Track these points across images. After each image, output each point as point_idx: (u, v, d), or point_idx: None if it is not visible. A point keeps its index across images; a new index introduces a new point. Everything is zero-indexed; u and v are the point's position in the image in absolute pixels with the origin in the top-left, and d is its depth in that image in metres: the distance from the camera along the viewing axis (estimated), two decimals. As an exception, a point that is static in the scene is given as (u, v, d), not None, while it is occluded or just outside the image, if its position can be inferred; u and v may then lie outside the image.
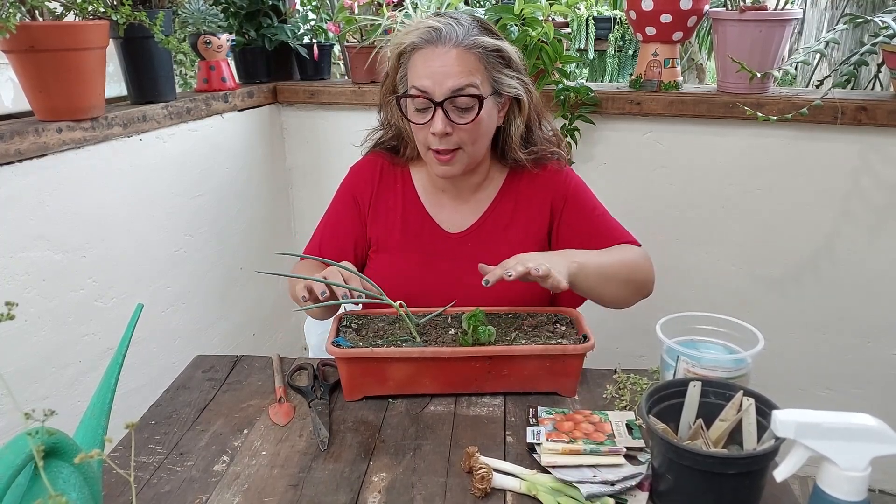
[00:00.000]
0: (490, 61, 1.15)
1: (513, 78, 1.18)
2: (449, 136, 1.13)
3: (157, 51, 1.62)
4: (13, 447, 0.57)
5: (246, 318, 2.12)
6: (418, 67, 1.13)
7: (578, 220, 1.27)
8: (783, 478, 0.69)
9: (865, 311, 1.77)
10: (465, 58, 1.11)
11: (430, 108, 1.12)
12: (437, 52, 1.11)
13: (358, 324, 1.10)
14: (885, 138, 1.63)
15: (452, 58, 1.11)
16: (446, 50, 1.11)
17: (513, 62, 1.18)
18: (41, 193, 1.39)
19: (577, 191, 1.29)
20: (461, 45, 1.12)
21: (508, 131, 1.23)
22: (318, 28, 2.18)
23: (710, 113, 1.73)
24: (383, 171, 1.31)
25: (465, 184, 1.27)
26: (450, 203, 1.29)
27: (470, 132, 1.15)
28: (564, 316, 1.12)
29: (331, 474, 0.87)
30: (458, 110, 1.13)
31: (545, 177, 1.28)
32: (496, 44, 1.15)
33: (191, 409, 1.03)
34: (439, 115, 1.11)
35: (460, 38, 1.12)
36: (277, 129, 2.22)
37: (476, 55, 1.13)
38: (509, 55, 1.17)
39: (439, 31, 1.12)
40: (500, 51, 1.16)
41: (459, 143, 1.15)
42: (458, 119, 1.13)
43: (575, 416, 0.94)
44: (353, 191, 1.32)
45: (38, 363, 1.40)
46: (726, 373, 0.88)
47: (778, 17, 1.62)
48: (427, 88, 1.11)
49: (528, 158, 1.26)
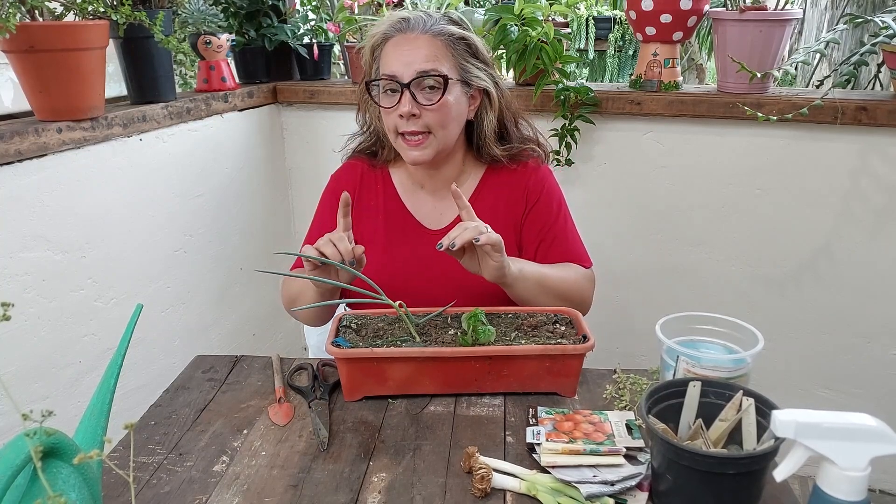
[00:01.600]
0: (457, 49, 1.19)
1: (480, 69, 1.22)
2: (416, 118, 1.16)
3: (157, 51, 1.62)
4: (13, 447, 0.57)
5: (246, 318, 2.12)
6: (389, 54, 1.18)
7: (541, 220, 1.29)
8: (783, 478, 0.69)
9: (865, 311, 1.77)
10: (432, 43, 1.16)
11: (399, 92, 1.16)
12: (405, 39, 1.17)
13: (357, 324, 1.10)
14: (886, 138, 1.63)
15: (420, 43, 1.16)
16: (414, 36, 1.17)
17: (480, 53, 1.22)
18: (41, 193, 1.39)
19: (549, 192, 1.31)
20: (428, 32, 1.17)
21: (481, 126, 1.26)
22: (318, 28, 2.18)
23: (710, 113, 1.73)
24: (363, 174, 1.34)
25: (440, 178, 1.29)
26: (429, 200, 1.31)
27: (437, 114, 1.17)
28: (564, 316, 1.12)
29: (331, 474, 0.87)
30: (424, 92, 1.16)
31: (522, 172, 1.30)
32: (462, 33, 1.20)
33: (190, 409, 1.03)
34: (406, 96, 1.15)
35: (428, 26, 1.18)
36: (277, 129, 2.22)
37: (443, 41, 1.17)
38: (476, 45, 1.22)
39: (408, 20, 1.18)
40: (467, 40, 1.20)
41: (428, 126, 1.18)
42: (424, 101, 1.16)
43: (575, 417, 0.94)
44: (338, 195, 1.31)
45: (38, 363, 1.40)
46: (726, 373, 0.88)
47: (778, 17, 1.62)
48: (395, 72, 1.16)
49: (505, 155, 1.28)
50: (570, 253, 1.29)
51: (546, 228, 1.29)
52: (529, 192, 1.29)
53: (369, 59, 1.23)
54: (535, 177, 1.30)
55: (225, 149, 1.95)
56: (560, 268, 1.25)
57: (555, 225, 1.29)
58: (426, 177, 1.30)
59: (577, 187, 1.93)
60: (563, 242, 1.29)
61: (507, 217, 1.29)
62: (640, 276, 1.97)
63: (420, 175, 1.30)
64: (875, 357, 1.79)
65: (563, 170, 1.89)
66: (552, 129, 1.83)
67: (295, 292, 1.27)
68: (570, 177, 1.92)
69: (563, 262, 1.28)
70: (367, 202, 1.32)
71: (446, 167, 1.28)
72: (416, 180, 1.31)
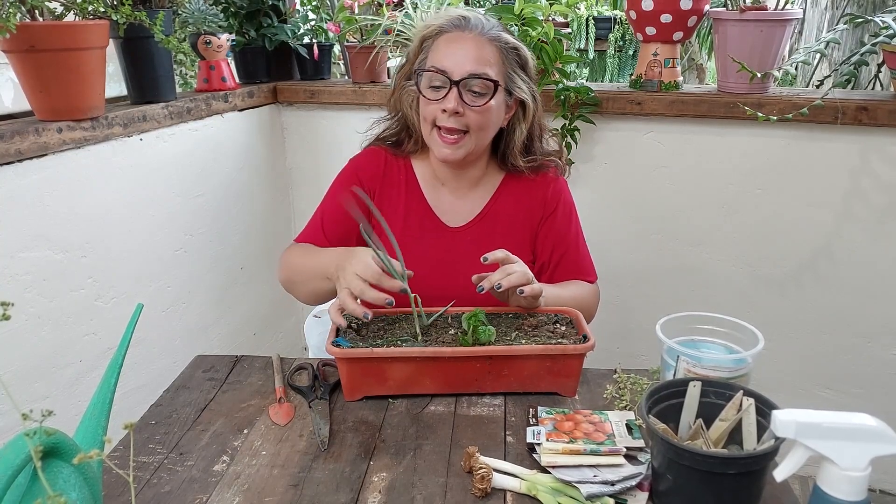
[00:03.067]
0: (508, 58, 1.21)
1: (524, 82, 1.24)
2: (458, 117, 1.17)
3: (157, 51, 1.62)
4: (13, 447, 0.57)
5: (246, 318, 2.12)
6: (441, 48, 1.19)
7: (555, 231, 1.32)
8: (783, 478, 0.69)
9: (865, 311, 1.77)
10: (487, 47, 1.18)
11: (446, 87, 1.17)
12: (462, 37, 1.19)
13: (358, 324, 1.10)
14: (886, 138, 1.63)
15: (476, 44, 1.18)
16: (471, 36, 1.18)
17: (528, 66, 1.25)
18: (41, 193, 1.39)
19: (565, 204, 1.34)
20: (485, 36, 1.19)
21: (512, 136, 1.28)
22: (318, 28, 2.18)
23: (710, 113, 1.73)
24: (387, 163, 1.33)
25: (464, 178, 1.30)
26: (449, 197, 1.32)
27: (479, 117, 1.19)
28: (564, 316, 1.13)
29: (331, 474, 0.87)
30: (471, 93, 1.17)
31: (541, 182, 1.32)
32: (516, 43, 1.23)
33: (191, 409, 1.03)
34: (453, 92, 1.16)
35: (486, 29, 1.20)
36: (277, 129, 2.22)
37: (497, 47, 1.19)
38: (526, 58, 1.24)
39: (468, 19, 1.20)
40: (519, 51, 1.23)
41: (468, 126, 1.19)
42: (469, 101, 1.17)
43: (575, 416, 0.94)
44: (359, 180, 1.32)
45: (38, 363, 1.40)
46: (726, 373, 0.88)
47: (778, 17, 1.62)
48: (447, 67, 1.17)
49: (527, 166, 1.30)
50: (579, 267, 1.32)
51: (559, 240, 1.31)
52: (546, 202, 1.32)
53: (417, 47, 1.24)
54: (553, 187, 1.33)
55: (225, 149, 1.95)
56: (571, 288, 1.28)
57: (567, 237, 1.32)
58: (450, 176, 1.30)
59: (578, 187, 1.93)
60: (573, 255, 1.32)
61: (523, 224, 1.31)
62: (641, 276, 1.97)
63: (444, 173, 1.31)
64: (875, 357, 1.79)
65: (564, 170, 1.89)
66: (552, 129, 1.83)
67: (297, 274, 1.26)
68: (571, 177, 1.92)
69: (572, 273, 1.31)
70: (389, 193, 1.32)
71: (471, 169, 1.30)
72: (439, 177, 1.32)
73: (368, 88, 2.05)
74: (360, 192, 1.20)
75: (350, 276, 1.04)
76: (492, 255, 1.08)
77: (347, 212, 1.30)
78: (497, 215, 1.31)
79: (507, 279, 1.06)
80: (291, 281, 1.28)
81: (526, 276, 1.08)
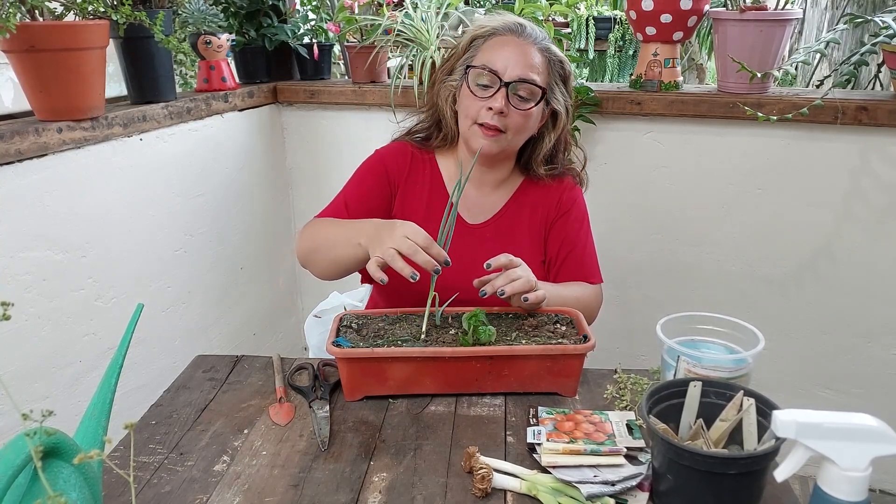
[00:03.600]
0: (553, 69, 1.26)
1: (563, 94, 1.29)
2: (501, 117, 1.21)
3: (157, 51, 1.62)
4: (13, 447, 0.57)
5: (246, 318, 2.12)
6: (495, 49, 1.23)
7: (565, 231, 1.34)
8: (783, 478, 0.69)
9: (865, 311, 1.77)
10: (537, 56, 1.23)
11: (494, 86, 1.21)
12: (516, 42, 1.23)
13: (358, 324, 1.10)
14: (886, 138, 1.63)
15: (528, 51, 1.22)
16: (526, 43, 1.23)
17: (569, 81, 1.30)
18: (41, 193, 1.39)
19: (578, 207, 1.37)
20: (538, 45, 1.24)
21: (540, 144, 1.32)
22: (318, 28, 2.18)
23: (710, 113, 1.73)
24: (413, 158, 1.36)
25: (489, 177, 1.34)
26: (472, 194, 1.34)
27: (520, 120, 1.23)
28: (565, 316, 1.13)
29: (331, 474, 0.87)
30: (517, 97, 1.21)
31: (557, 187, 1.36)
32: (563, 57, 1.28)
33: (191, 409, 1.03)
34: (502, 93, 1.20)
35: (539, 39, 1.25)
36: (277, 129, 2.22)
37: (546, 58, 1.24)
38: (569, 72, 1.30)
39: (524, 27, 1.25)
40: (564, 64, 1.28)
41: (507, 127, 1.22)
42: (516, 104, 1.21)
43: (575, 417, 0.94)
44: (385, 168, 1.34)
45: (38, 363, 1.40)
46: (727, 373, 0.88)
47: (778, 17, 1.62)
48: (499, 68, 1.20)
49: (547, 175, 1.34)
50: (583, 267, 1.34)
51: (567, 239, 1.34)
52: (561, 204, 1.35)
53: (465, 45, 1.27)
54: (569, 193, 1.36)
55: (225, 149, 1.95)
56: (573, 288, 1.30)
57: (576, 238, 1.35)
58: (476, 172, 1.32)
59: (578, 187, 1.93)
60: (579, 255, 1.34)
61: (539, 224, 1.35)
62: (641, 276, 1.97)
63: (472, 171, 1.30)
64: (875, 357, 1.79)
65: (564, 170, 1.89)
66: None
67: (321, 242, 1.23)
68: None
69: (576, 273, 1.33)
70: (413, 186, 1.34)
71: (497, 169, 1.33)
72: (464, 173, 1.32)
73: (368, 88, 2.05)
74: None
75: (399, 237, 1.03)
76: (495, 261, 1.09)
77: (371, 195, 1.32)
78: (515, 215, 1.34)
79: (510, 286, 1.06)
80: (313, 249, 1.24)
81: (529, 283, 1.08)
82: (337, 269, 1.23)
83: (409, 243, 1.02)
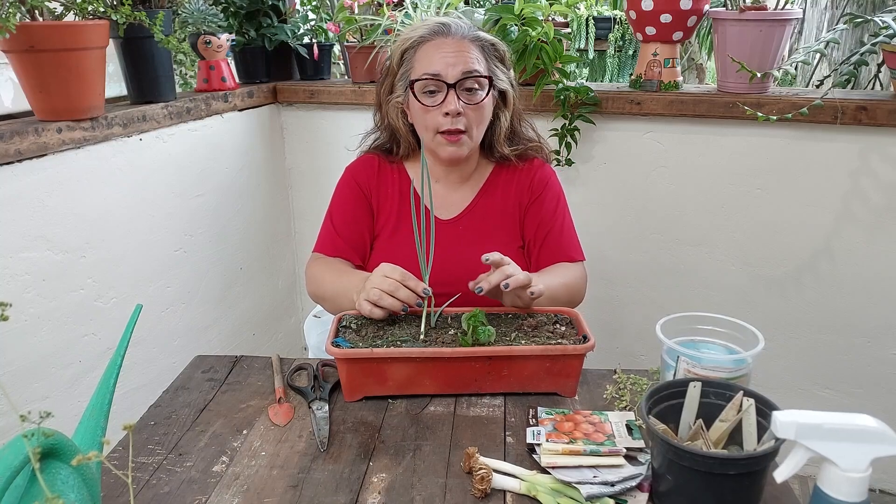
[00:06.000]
0: (489, 54, 1.28)
1: (503, 72, 1.30)
2: (460, 117, 1.22)
3: (157, 51, 1.62)
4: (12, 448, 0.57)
5: (246, 318, 2.11)
6: (430, 56, 1.23)
7: (541, 213, 1.35)
8: (783, 479, 0.69)
9: (865, 311, 1.77)
10: (471, 47, 1.25)
11: (442, 91, 1.22)
12: (447, 42, 1.24)
13: (357, 324, 1.10)
14: (885, 138, 1.63)
15: (462, 46, 1.24)
16: (456, 40, 1.24)
17: (505, 58, 1.31)
18: (41, 193, 1.38)
19: (551, 188, 1.37)
20: (467, 37, 1.25)
21: (497, 125, 1.33)
22: (318, 28, 2.18)
23: (710, 113, 1.73)
24: (381, 166, 1.39)
25: (458, 172, 1.36)
26: (441, 192, 1.36)
27: (477, 114, 1.24)
28: (564, 316, 1.12)
29: (330, 475, 0.87)
30: (467, 92, 1.23)
31: (528, 169, 1.37)
32: (494, 39, 1.30)
33: (190, 409, 1.03)
34: (452, 95, 1.21)
35: (467, 31, 1.26)
36: (277, 129, 2.22)
37: (479, 46, 1.26)
38: (504, 51, 1.31)
39: (448, 25, 1.26)
40: (496, 45, 1.29)
41: (467, 126, 1.24)
42: (468, 100, 1.22)
43: (575, 417, 0.94)
44: (358, 185, 1.38)
45: (38, 363, 1.40)
46: (726, 373, 0.88)
47: (778, 17, 1.62)
48: (440, 72, 1.21)
49: (513, 153, 1.35)
50: (562, 245, 1.34)
51: (544, 220, 1.35)
52: (533, 187, 1.36)
53: (397, 60, 1.28)
54: (540, 174, 1.37)
55: (225, 149, 1.95)
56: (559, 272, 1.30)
57: (553, 218, 1.35)
58: (445, 172, 1.35)
59: (577, 187, 1.93)
60: (558, 235, 1.35)
61: (513, 210, 1.36)
62: (641, 276, 1.97)
63: (439, 170, 1.35)
64: (875, 357, 1.79)
65: (563, 170, 1.89)
66: (552, 129, 1.83)
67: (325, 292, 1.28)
68: (570, 177, 1.92)
69: (556, 252, 1.33)
70: (384, 193, 1.37)
71: (465, 164, 1.35)
72: (434, 175, 1.36)
73: (368, 88, 2.05)
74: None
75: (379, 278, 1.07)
76: (490, 256, 1.09)
77: (354, 211, 1.35)
78: (487, 205, 1.35)
79: (513, 279, 1.07)
80: (320, 297, 1.31)
81: (529, 277, 1.09)
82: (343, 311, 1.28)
83: (390, 281, 1.06)
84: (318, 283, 1.30)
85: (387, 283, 1.06)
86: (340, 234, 1.35)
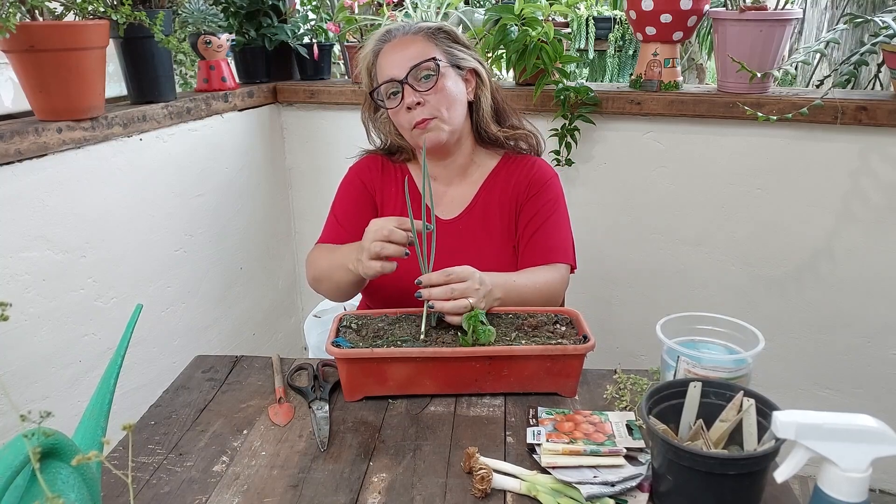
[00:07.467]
0: (439, 39, 1.29)
1: (464, 52, 1.31)
2: (422, 106, 1.24)
3: (157, 51, 1.62)
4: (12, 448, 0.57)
5: (246, 318, 2.11)
6: (382, 65, 1.27)
7: (535, 209, 1.34)
8: (783, 479, 0.69)
9: (865, 311, 1.77)
10: (415, 41, 1.27)
11: (399, 90, 1.25)
12: (392, 46, 1.27)
13: (357, 324, 1.10)
14: (886, 138, 1.63)
15: (405, 43, 1.26)
16: (398, 40, 1.27)
17: (459, 38, 1.32)
18: (41, 193, 1.38)
19: (549, 186, 1.37)
20: (409, 33, 1.28)
21: (479, 104, 1.34)
22: (318, 28, 2.18)
23: (710, 113, 1.73)
24: (385, 165, 1.40)
25: (452, 167, 1.36)
26: (443, 190, 1.37)
27: (439, 97, 1.25)
28: (564, 316, 1.12)
29: (330, 475, 0.87)
30: (421, 82, 1.24)
31: (529, 167, 1.37)
32: (439, 24, 1.32)
33: (190, 409, 1.03)
34: (406, 89, 1.24)
35: (408, 28, 1.29)
36: (277, 129, 2.22)
37: (424, 36, 1.28)
38: (454, 32, 1.32)
39: (390, 31, 1.30)
40: (444, 29, 1.31)
41: (433, 112, 1.25)
42: (423, 87, 1.24)
43: (575, 417, 0.94)
44: (362, 182, 1.39)
45: (38, 363, 1.40)
46: (727, 373, 0.88)
47: (778, 17, 1.62)
48: (391, 74, 1.25)
49: (505, 135, 1.36)
50: (549, 247, 1.32)
51: (534, 216, 1.34)
52: (532, 184, 1.36)
53: (367, 80, 1.32)
54: (540, 172, 1.37)
55: (225, 149, 1.95)
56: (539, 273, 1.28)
57: (545, 217, 1.34)
58: (439, 167, 1.36)
59: (577, 187, 1.93)
60: (547, 234, 1.34)
61: (510, 206, 1.35)
62: (641, 276, 1.97)
63: (433, 167, 1.35)
64: (875, 357, 1.79)
65: (563, 170, 1.89)
66: (552, 129, 1.83)
67: (322, 271, 1.29)
68: (570, 177, 1.92)
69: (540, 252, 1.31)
70: (388, 192, 1.38)
71: (457, 156, 1.35)
72: (432, 173, 1.36)
73: (368, 88, 2.04)
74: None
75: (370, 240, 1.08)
76: (426, 279, 1.07)
77: (358, 206, 1.37)
78: (487, 204, 1.35)
79: (439, 304, 1.05)
80: (317, 279, 1.31)
81: (464, 305, 1.05)
82: (341, 293, 1.30)
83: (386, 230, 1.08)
84: (316, 265, 1.31)
85: (382, 232, 1.08)
86: (344, 226, 1.35)
